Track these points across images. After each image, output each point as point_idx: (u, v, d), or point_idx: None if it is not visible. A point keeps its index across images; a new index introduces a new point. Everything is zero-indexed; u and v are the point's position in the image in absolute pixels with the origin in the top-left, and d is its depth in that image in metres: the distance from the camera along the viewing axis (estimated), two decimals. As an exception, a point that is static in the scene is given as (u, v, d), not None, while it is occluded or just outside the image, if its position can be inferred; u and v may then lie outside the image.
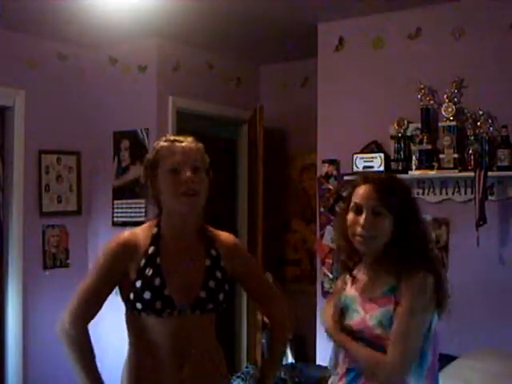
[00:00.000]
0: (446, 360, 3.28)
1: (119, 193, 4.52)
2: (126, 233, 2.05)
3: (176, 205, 1.99)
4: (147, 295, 1.93)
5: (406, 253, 1.84)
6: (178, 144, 2.02)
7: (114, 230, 4.53)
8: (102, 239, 4.61)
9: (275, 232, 5.00)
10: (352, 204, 1.90)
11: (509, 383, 2.93)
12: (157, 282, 1.94)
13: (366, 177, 1.95)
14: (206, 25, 4.09)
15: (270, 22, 4.06)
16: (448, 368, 3.14)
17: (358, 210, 1.88)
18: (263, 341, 4.51)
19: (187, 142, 2.04)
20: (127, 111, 4.50)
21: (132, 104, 4.47)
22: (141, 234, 2.04)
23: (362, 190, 1.89)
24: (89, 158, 4.67)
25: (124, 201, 4.49)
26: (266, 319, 4.53)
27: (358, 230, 1.86)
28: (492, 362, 3.07)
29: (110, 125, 4.58)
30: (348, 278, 2.01)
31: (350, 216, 1.90)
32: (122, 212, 4.50)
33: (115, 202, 4.53)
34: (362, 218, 1.86)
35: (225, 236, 2.15)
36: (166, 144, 2.04)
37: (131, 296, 1.96)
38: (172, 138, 2.07)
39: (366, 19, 3.93)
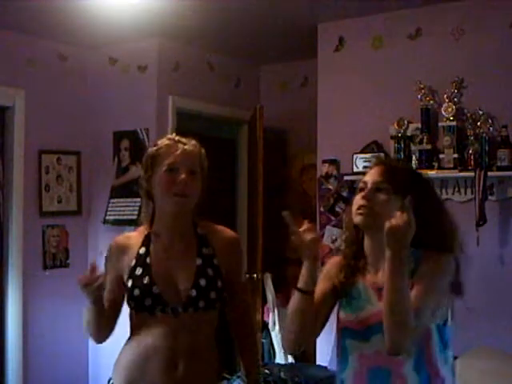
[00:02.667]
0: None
1: (118, 192, 4.51)
2: (120, 236, 2.17)
3: (166, 204, 2.04)
4: (136, 293, 2.00)
5: (422, 236, 1.76)
6: (179, 145, 2.06)
7: (108, 229, 4.52)
8: (102, 239, 4.61)
9: (275, 232, 4.99)
10: (360, 184, 1.87)
11: (508, 383, 2.93)
12: (146, 280, 2.01)
13: (379, 160, 1.95)
14: (206, 25, 4.08)
15: (270, 22, 4.06)
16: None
17: (364, 188, 1.85)
18: (263, 341, 4.51)
19: (190, 144, 2.08)
20: (127, 111, 4.50)
21: (132, 104, 4.47)
22: (135, 236, 2.12)
23: (372, 170, 1.88)
24: (89, 158, 4.67)
25: (120, 199, 4.48)
26: (265, 319, 4.53)
27: (360, 202, 1.82)
28: (491, 362, 3.07)
29: (110, 125, 4.58)
30: (346, 267, 1.92)
31: (355, 197, 1.87)
32: (115, 210, 4.48)
33: (111, 200, 4.52)
34: (365, 190, 1.83)
35: (223, 232, 2.19)
36: (168, 142, 2.09)
37: (126, 295, 2.05)
38: (176, 137, 2.11)
39: (366, 19, 3.93)
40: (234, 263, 2.19)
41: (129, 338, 2.12)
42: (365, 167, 3.66)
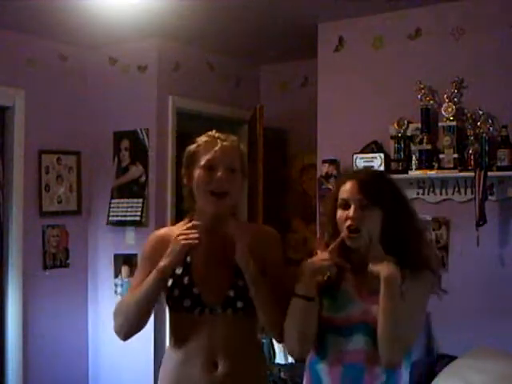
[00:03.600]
0: (445, 360, 3.29)
1: (118, 192, 4.52)
2: (163, 230, 2.12)
3: (204, 203, 1.99)
4: (176, 293, 1.97)
5: (401, 248, 1.87)
6: (218, 141, 2.02)
7: (108, 229, 4.53)
8: (102, 239, 4.62)
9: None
10: (339, 201, 1.92)
11: (509, 383, 2.93)
12: (186, 280, 1.98)
13: (350, 175, 2.00)
14: (206, 25, 4.08)
15: (270, 22, 4.06)
16: (448, 368, 3.15)
17: (346, 206, 1.90)
18: (263, 341, 4.51)
19: (229, 140, 2.04)
20: (127, 111, 4.50)
21: (132, 104, 4.47)
22: (176, 231, 2.03)
23: (347, 186, 1.92)
24: (89, 158, 4.67)
25: (121, 200, 4.48)
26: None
27: (347, 223, 1.88)
28: (492, 362, 3.07)
29: (110, 125, 4.58)
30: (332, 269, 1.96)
31: (339, 213, 1.92)
32: (117, 211, 4.48)
33: (112, 201, 4.52)
34: (350, 211, 1.88)
35: (257, 229, 2.15)
36: (207, 139, 2.04)
37: (165, 294, 2.00)
38: (215, 134, 2.06)
39: (366, 19, 3.93)
40: (273, 255, 2.08)
41: (170, 341, 2.08)
42: (365, 167, 3.66)
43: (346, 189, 1.92)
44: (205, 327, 1.96)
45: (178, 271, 1.99)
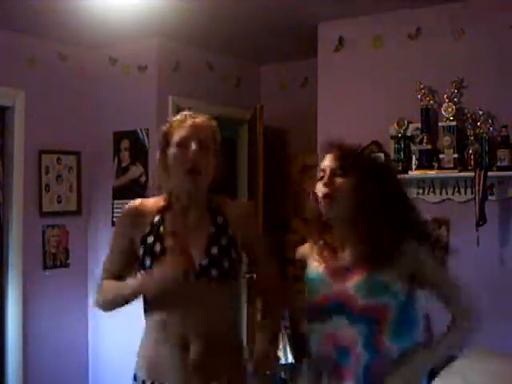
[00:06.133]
0: (445, 360, 3.28)
1: (119, 192, 4.52)
2: (137, 201, 2.14)
3: (180, 181, 2.01)
4: (147, 262, 1.97)
5: (379, 218, 1.87)
6: (190, 118, 2.07)
7: (108, 229, 4.52)
8: (102, 239, 4.61)
9: (275, 232, 5.00)
10: (320, 174, 1.96)
11: (508, 383, 2.93)
12: (157, 248, 1.98)
13: (331, 145, 2.03)
14: (206, 25, 4.08)
15: (270, 22, 4.06)
16: (448, 368, 3.14)
17: (322, 175, 1.93)
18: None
19: (201, 117, 2.10)
20: (127, 111, 4.50)
21: (132, 104, 4.47)
22: (150, 204, 2.10)
23: (325, 159, 1.97)
24: (89, 158, 4.67)
25: (124, 200, 4.48)
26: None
27: (322, 189, 1.90)
28: (491, 362, 3.07)
29: (110, 125, 4.58)
30: (312, 252, 2.03)
31: (317, 185, 1.95)
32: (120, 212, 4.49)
33: (115, 201, 4.53)
34: (324, 179, 1.92)
35: (237, 204, 2.21)
36: (179, 118, 2.09)
37: (137, 264, 2.00)
38: (187, 112, 2.11)
39: (366, 19, 3.93)
40: (251, 230, 2.16)
41: (145, 316, 2.06)
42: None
43: (325, 159, 1.96)
44: (178, 299, 1.93)
45: (150, 240, 1.99)
